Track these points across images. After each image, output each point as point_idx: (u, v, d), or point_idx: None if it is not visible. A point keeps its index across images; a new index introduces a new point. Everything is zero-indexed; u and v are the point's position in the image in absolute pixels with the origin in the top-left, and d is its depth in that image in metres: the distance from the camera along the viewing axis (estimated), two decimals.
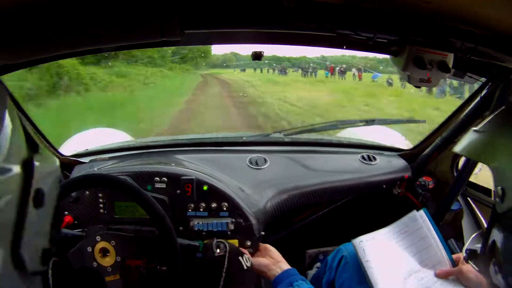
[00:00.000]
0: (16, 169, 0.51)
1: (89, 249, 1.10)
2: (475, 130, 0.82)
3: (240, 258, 1.09)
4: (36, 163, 0.55)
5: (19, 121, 0.55)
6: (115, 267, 1.11)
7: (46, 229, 0.62)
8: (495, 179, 0.71)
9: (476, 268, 1.09)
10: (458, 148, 0.84)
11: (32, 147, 0.57)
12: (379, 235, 1.19)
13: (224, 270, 1.06)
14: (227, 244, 1.11)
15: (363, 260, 1.12)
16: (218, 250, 1.09)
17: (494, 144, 0.76)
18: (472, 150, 0.83)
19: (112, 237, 1.10)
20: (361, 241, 1.17)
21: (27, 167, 0.53)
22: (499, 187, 0.69)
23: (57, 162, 0.66)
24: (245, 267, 1.08)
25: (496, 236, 0.74)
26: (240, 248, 1.15)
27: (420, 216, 1.17)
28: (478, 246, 0.94)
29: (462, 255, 1.09)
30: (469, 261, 1.26)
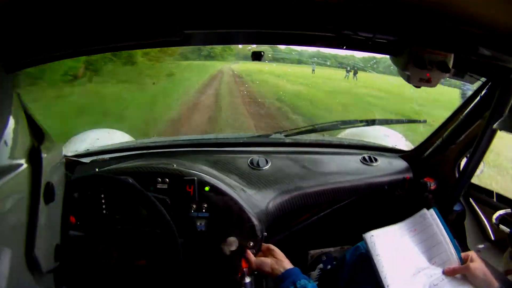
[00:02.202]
0: (23, 163, 0.48)
1: (92, 248, 1.10)
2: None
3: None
4: (43, 154, 0.52)
5: (22, 112, 0.52)
6: (117, 268, 1.11)
7: (57, 224, 0.60)
8: None
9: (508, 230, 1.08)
10: (496, 125, 0.86)
11: (37, 136, 0.54)
12: (390, 231, 1.20)
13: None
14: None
15: (373, 254, 1.13)
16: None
17: None
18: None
19: (115, 239, 1.10)
20: (372, 235, 1.18)
21: (35, 159, 0.50)
22: None
23: (62, 147, 0.64)
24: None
25: None
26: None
27: (431, 215, 1.18)
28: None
29: (470, 253, 1.08)
30: (500, 226, 1.29)
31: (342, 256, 1.33)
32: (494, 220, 1.38)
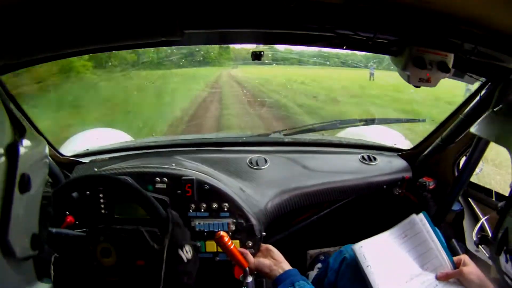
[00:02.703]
0: (1, 154, 0.51)
1: (91, 247, 1.10)
2: (493, 112, 0.80)
3: (179, 251, 1.05)
4: (22, 148, 0.55)
5: (1, 105, 0.55)
6: (115, 269, 1.11)
7: (34, 214, 0.63)
8: None
9: (487, 254, 1.06)
10: (474, 128, 0.83)
11: (19, 131, 0.57)
12: (379, 240, 1.19)
13: (163, 264, 1.02)
14: (166, 240, 1.05)
15: (363, 265, 1.11)
16: (155, 245, 1.06)
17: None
18: (490, 132, 0.81)
19: (115, 239, 1.10)
20: (361, 246, 1.16)
21: (12, 152, 0.53)
22: None
23: (46, 145, 0.67)
24: (185, 260, 1.05)
25: (509, 223, 0.73)
26: (182, 240, 1.08)
27: (420, 220, 1.16)
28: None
29: (463, 257, 1.08)
30: (480, 246, 1.26)
31: (326, 262, 1.32)
32: (474, 239, 1.37)
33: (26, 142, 0.57)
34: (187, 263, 1.05)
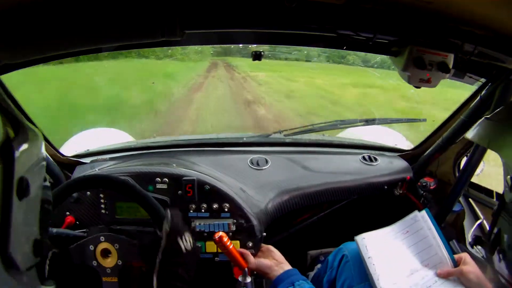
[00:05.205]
0: None
1: (91, 247, 1.10)
2: (487, 118, 0.82)
3: (178, 239, 0.99)
4: (17, 147, 0.47)
5: None
6: (115, 269, 1.11)
7: (34, 219, 0.56)
8: (505, 169, 0.71)
9: (480, 254, 1.07)
10: (469, 134, 0.84)
11: (12, 126, 0.49)
12: (382, 234, 1.20)
13: (160, 251, 0.96)
14: (167, 226, 1.00)
15: (365, 256, 1.13)
16: (157, 231, 1.01)
17: (505, 134, 0.76)
18: (483, 137, 0.82)
19: (116, 240, 1.10)
20: (364, 238, 1.18)
21: (6, 152, 0.46)
22: (509, 177, 0.70)
23: (42, 140, 0.59)
24: (183, 250, 0.98)
25: (502, 224, 0.74)
26: (183, 227, 1.03)
27: (422, 217, 1.17)
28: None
29: (463, 255, 1.09)
30: (474, 247, 1.27)
31: (326, 260, 1.33)
32: (469, 240, 1.38)
33: (21, 139, 0.50)
34: (185, 253, 0.98)
